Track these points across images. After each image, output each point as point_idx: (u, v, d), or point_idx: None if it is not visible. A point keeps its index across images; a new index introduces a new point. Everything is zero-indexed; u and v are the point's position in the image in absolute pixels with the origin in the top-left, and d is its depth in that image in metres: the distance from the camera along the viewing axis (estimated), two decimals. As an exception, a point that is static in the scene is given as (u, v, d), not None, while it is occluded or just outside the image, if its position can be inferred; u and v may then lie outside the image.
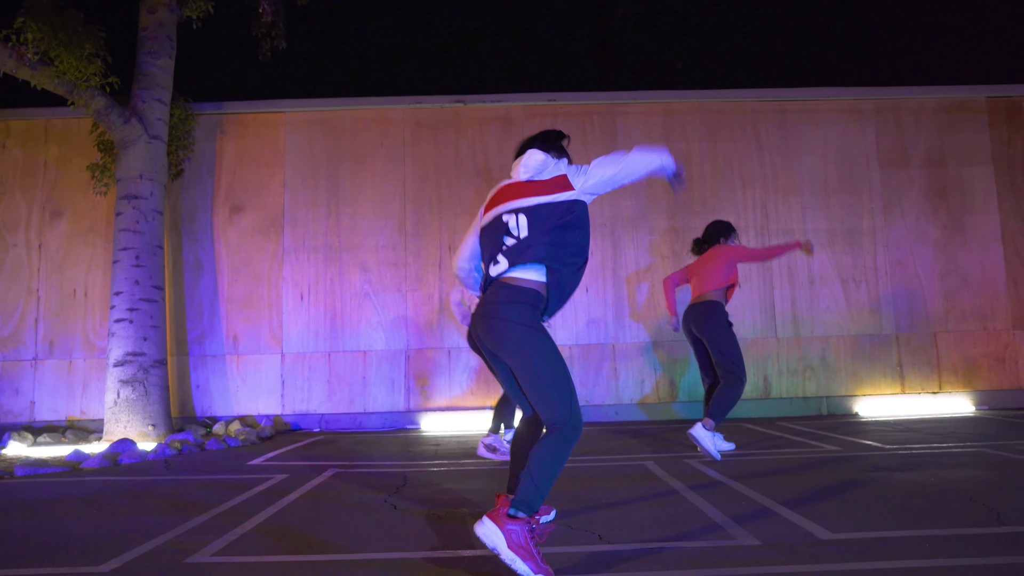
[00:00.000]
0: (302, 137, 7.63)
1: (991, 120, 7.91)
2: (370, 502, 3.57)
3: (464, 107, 7.69)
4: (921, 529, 2.76)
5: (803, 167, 7.77)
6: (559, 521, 3.04)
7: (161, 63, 6.83)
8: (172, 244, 7.41)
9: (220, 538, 2.90)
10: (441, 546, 2.70)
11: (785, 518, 2.99)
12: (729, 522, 2.94)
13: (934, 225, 7.76)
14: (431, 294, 7.43)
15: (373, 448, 5.72)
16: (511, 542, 2.24)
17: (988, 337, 7.62)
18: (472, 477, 4.25)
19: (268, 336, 7.37)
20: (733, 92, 7.88)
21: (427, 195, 7.58)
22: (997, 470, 3.94)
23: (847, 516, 3.00)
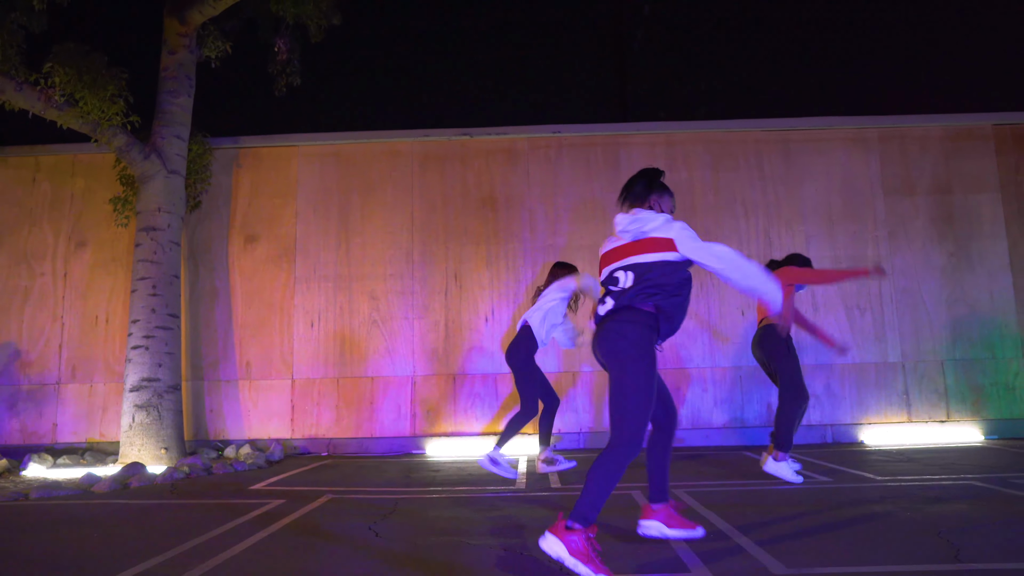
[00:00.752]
0: (314, 169, 7.91)
1: (998, 147, 7.91)
2: (353, 530, 3.71)
3: (471, 139, 7.91)
4: (876, 565, 2.82)
5: (806, 195, 7.83)
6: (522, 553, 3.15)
7: (180, 101, 7.17)
8: (189, 273, 7.70)
9: (207, 562, 3.06)
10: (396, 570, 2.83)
11: (746, 551, 3.07)
12: (689, 553, 3.02)
13: (940, 252, 7.74)
14: (437, 321, 7.61)
15: (374, 473, 5.87)
16: (572, 550, 2.62)
17: (997, 365, 7.55)
18: (460, 504, 4.37)
19: (279, 362, 7.60)
20: (736, 122, 7.99)
21: (434, 225, 7.78)
22: (979, 504, 3.96)
23: (809, 550, 3.06)
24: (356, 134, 7.96)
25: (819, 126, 7.96)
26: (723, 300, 7.63)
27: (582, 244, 7.70)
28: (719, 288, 7.63)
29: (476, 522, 3.83)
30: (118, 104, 6.65)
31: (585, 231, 7.74)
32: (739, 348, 7.55)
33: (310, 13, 7.55)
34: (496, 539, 3.41)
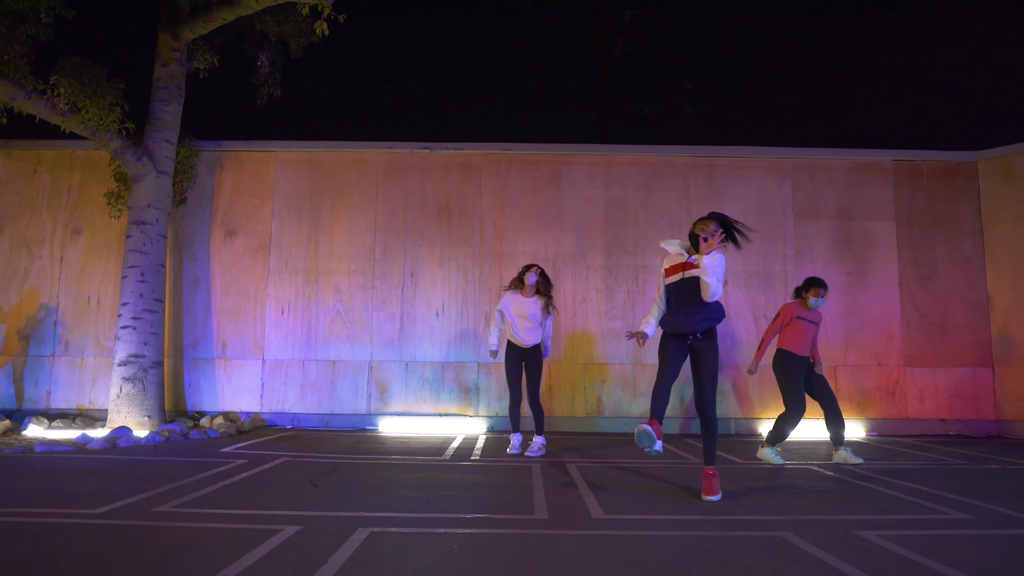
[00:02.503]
0: (290, 173, 8.85)
1: (896, 180, 8.99)
2: (300, 481, 4.72)
3: (431, 152, 8.89)
4: (670, 515, 3.87)
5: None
6: (419, 500, 4.17)
7: (170, 109, 8.07)
8: (174, 262, 8.63)
9: (180, 498, 4.06)
10: (328, 508, 3.84)
11: (584, 502, 4.12)
12: (541, 503, 4.06)
13: (840, 271, 8.83)
14: (394, 313, 8.60)
15: (328, 444, 6.88)
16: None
17: (881, 372, 8.67)
18: (391, 469, 5.39)
19: (252, 344, 8.57)
20: (668, 148, 9.02)
21: (395, 228, 8.76)
22: (793, 481, 5.02)
23: (630, 505, 4.11)
24: (328, 143, 8.91)
25: (741, 154, 9.00)
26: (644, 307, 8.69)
27: (525, 250, 8.71)
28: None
29: (399, 480, 4.85)
30: (115, 112, 7.55)
31: (528, 239, 8.75)
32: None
33: (291, 32, 8.49)
34: (410, 492, 4.43)
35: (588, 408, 8.53)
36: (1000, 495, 4.52)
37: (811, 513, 3.94)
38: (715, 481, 4.30)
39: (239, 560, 2.87)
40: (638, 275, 8.74)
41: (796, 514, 3.91)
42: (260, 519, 3.61)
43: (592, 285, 8.73)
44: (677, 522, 3.71)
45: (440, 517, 3.74)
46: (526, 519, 3.72)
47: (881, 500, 4.34)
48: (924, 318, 8.77)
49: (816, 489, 4.72)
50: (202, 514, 3.70)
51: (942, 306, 8.79)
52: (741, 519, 3.77)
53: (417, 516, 3.75)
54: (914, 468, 5.77)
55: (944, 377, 8.67)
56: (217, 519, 3.59)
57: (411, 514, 3.79)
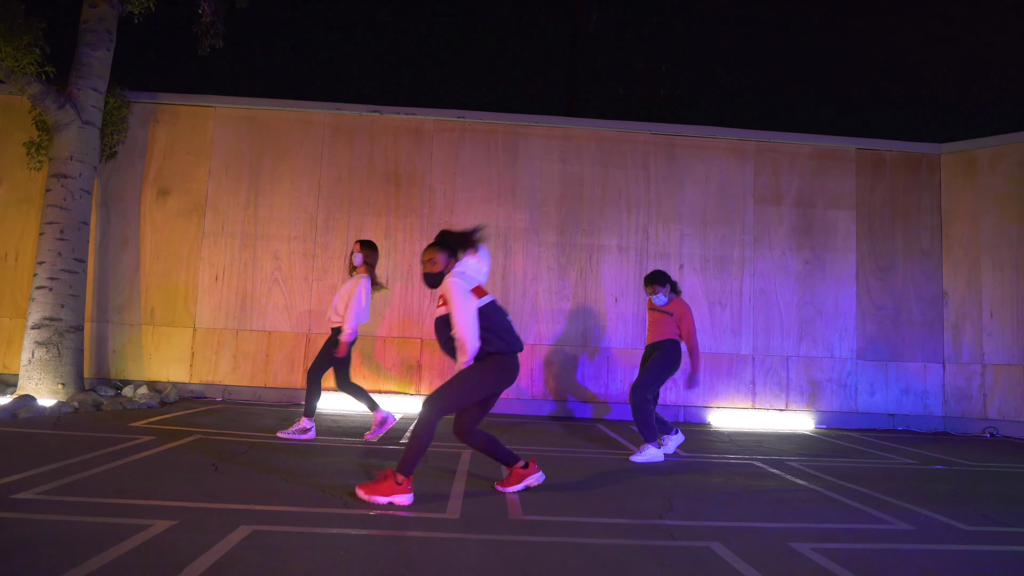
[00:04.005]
0: (229, 131, 8.31)
1: (858, 169, 8.77)
2: (201, 463, 4.35)
3: (380, 116, 8.41)
4: (595, 517, 3.58)
5: (685, 197, 8.59)
6: (324, 491, 3.83)
7: (99, 55, 7.47)
8: (101, 220, 8.08)
9: (54, 482, 3.66)
10: (216, 499, 3.48)
11: (503, 503, 3.81)
12: (456, 500, 3.75)
13: (797, 259, 8.62)
14: (335, 284, 8.17)
15: (253, 420, 6.49)
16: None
17: (834, 364, 8.52)
18: (307, 452, 5.03)
19: (182, 310, 8.09)
20: (628, 123, 8.66)
21: (339, 195, 8.30)
22: (730, 479, 4.79)
23: (555, 505, 3.82)
24: (272, 101, 8.38)
25: (703, 134, 8.69)
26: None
27: (475, 223, 8.31)
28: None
29: (312, 466, 4.49)
30: (34, 53, 6.93)
31: (479, 211, 8.36)
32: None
33: (236, -22, 7.90)
34: (320, 479, 4.08)
35: (534, 391, 8.24)
36: (945, 501, 4.33)
37: (746, 519, 3.68)
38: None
39: (83, 563, 2.50)
40: (592, 255, 8.43)
41: (729, 519, 3.66)
42: (132, 511, 3.23)
43: (544, 263, 8.39)
44: (600, 527, 3.42)
45: (340, 513, 3.40)
46: (436, 519, 3.40)
47: (822, 504, 4.11)
48: (879, 311, 8.62)
49: (756, 489, 4.48)
50: (68, 503, 3.31)
51: (898, 299, 8.65)
52: (669, 525, 3.50)
53: (313, 512, 3.41)
54: (859, 467, 5.59)
55: (895, 371, 8.56)
56: (82, 510, 3.21)
57: (308, 508, 3.45)
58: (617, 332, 8.35)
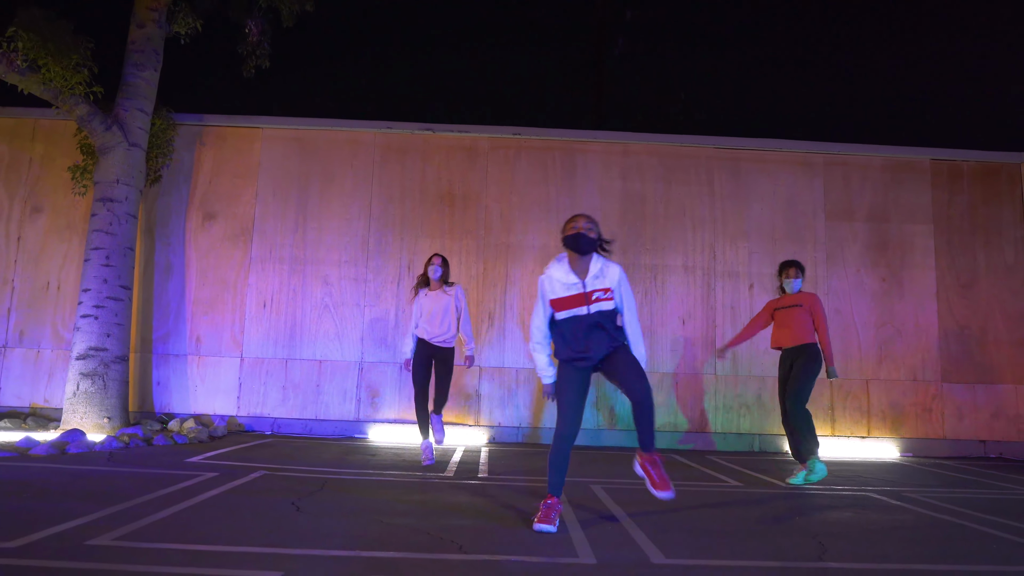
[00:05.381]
0: (277, 153, 8.02)
1: (933, 181, 8.32)
2: (279, 503, 3.90)
3: (433, 135, 8.09)
4: (747, 560, 3.10)
5: (752, 214, 8.16)
6: (431, 533, 3.37)
7: (146, 75, 7.23)
8: (145, 246, 7.76)
9: (126, 526, 3.23)
10: (314, 545, 3.04)
11: (635, 541, 3.34)
12: (583, 542, 3.28)
13: (874, 277, 8.14)
14: (388, 310, 7.78)
15: (312, 454, 6.05)
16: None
17: (917, 387, 7.97)
18: (386, 488, 4.58)
19: (229, 340, 7.71)
20: (690, 137, 8.28)
21: (391, 216, 7.95)
22: (863, 513, 4.28)
23: (690, 545, 3.34)
24: (320, 121, 8.08)
25: (768, 148, 8.29)
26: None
27: (534, 244, 7.94)
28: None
29: (398, 504, 4.04)
30: (82, 73, 6.70)
31: (538, 231, 7.97)
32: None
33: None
34: (414, 520, 3.63)
35: (599, 421, 7.75)
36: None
37: (917, 561, 3.18)
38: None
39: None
40: (656, 275, 7.99)
41: (900, 561, 3.16)
42: (227, 559, 2.79)
43: (607, 285, 7.94)
44: (761, 571, 2.94)
45: (460, 559, 2.94)
46: (572, 564, 2.93)
47: (992, 543, 3.59)
48: (963, 330, 8.09)
49: (899, 525, 3.97)
50: (151, 551, 2.87)
51: (982, 317, 8.13)
52: (837, 569, 3.00)
53: (429, 557, 2.95)
54: (989, 498, 5.05)
55: (984, 394, 7.99)
56: (169, 559, 2.77)
57: (420, 554, 2.99)
58: (686, 357, 7.87)
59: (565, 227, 3.63)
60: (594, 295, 3.55)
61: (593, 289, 3.56)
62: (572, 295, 3.57)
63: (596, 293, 3.55)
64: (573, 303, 3.57)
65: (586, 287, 3.55)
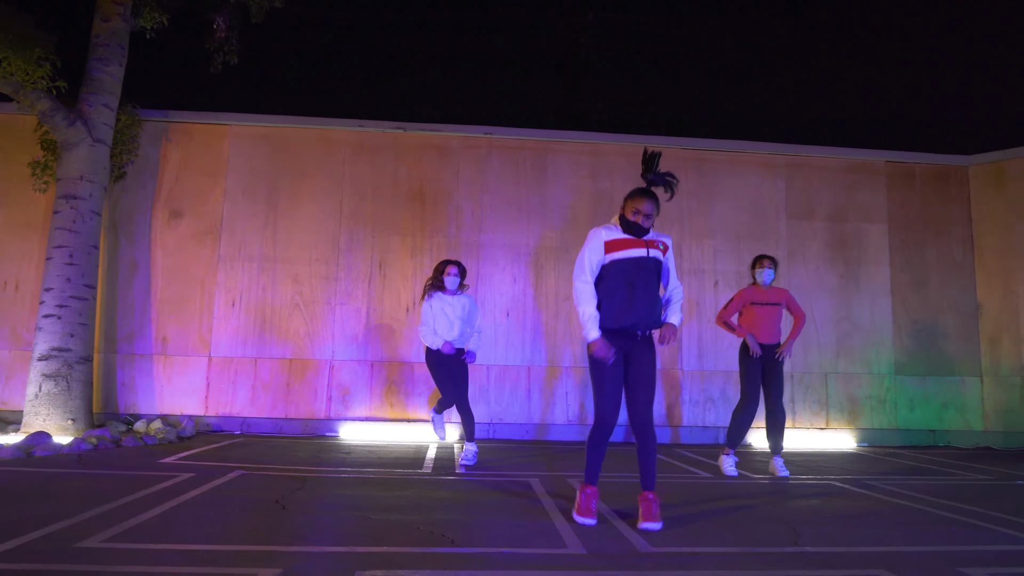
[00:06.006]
0: (245, 150, 7.93)
1: (889, 182, 8.65)
2: (264, 501, 3.91)
3: (404, 133, 8.10)
4: (725, 547, 3.24)
5: (717, 213, 8.37)
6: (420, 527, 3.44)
7: (111, 70, 7.08)
8: (109, 244, 7.61)
9: (114, 527, 3.21)
10: (309, 542, 3.07)
11: (620, 532, 3.45)
12: (569, 532, 3.38)
13: (832, 274, 8.43)
14: (359, 308, 7.78)
15: (286, 452, 6.03)
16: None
17: (872, 380, 8.29)
18: (367, 485, 4.61)
19: (197, 339, 7.61)
20: (657, 138, 8.43)
21: (363, 214, 7.94)
22: (828, 500, 4.48)
23: (672, 534, 3.46)
24: (290, 118, 8.02)
25: (733, 149, 8.51)
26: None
27: (505, 242, 8.02)
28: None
29: (383, 500, 4.08)
30: (44, 67, 6.53)
31: (508, 230, 8.05)
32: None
33: (252, -8, 7.59)
34: (403, 516, 3.68)
35: (570, 415, 7.88)
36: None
37: (890, 544, 3.36)
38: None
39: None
40: (625, 273, 8.13)
41: (873, 544, 3.33)
42: (223, 558, 2.81)
43: (576, 282, 8.07)
44: (744, 558, 3.08)
45: (455, 553, 3.01)
46: (561, 555, 3.03)
47: (953, 526, 3.80)
48: (915, 324, 8.45)
49: (867, 511, 4.17)
50: (145, 551, 2.87)
51: (933, 313, 8.49)
52: (816, 553, 3.16)
53: (424, 551, 3.01)
54: (944, 485, 5.31)
55: (935, 386, 8.36)
56: (169, 558, 2.78)
57: (415, 548, 3.05)
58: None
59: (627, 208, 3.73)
60: (655, 243, 3.69)
61: (653, 239, 3.69)
62: (629, 238, 3.66)
63: (656, 243, 3.70)
64: (631, 244, 3.64)
65: (645, 238, 3.68)
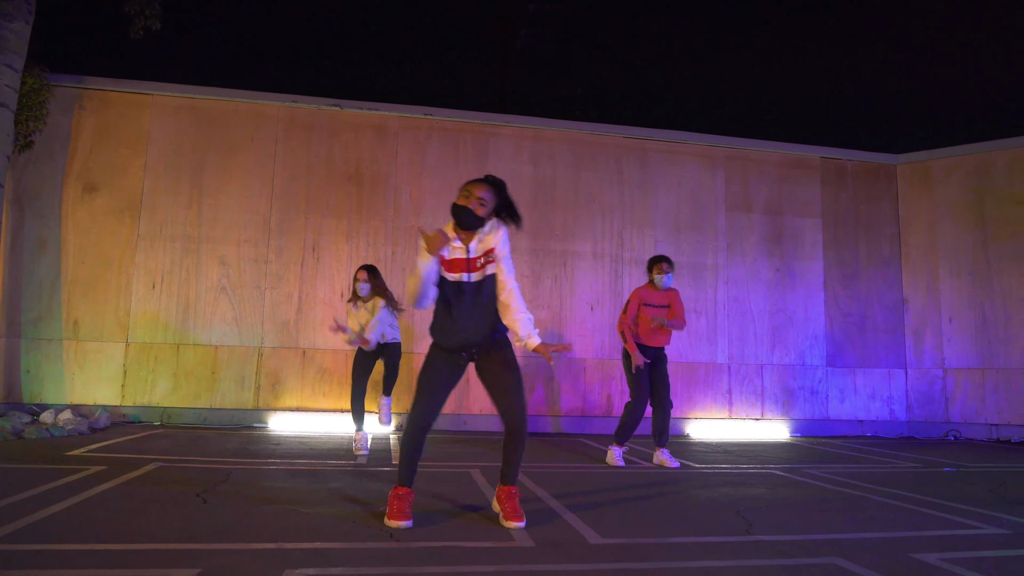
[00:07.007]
0: (169, 122, 7.43)
1: (823, 178, 8.82)
2: (183, 495, 3.59)
3: (340, 111, 7.76)
4: (680, 537, 3.13)
5: (659, 203, 8.36)
6: (356, 521, 3.20)
7: (15, 27, 6.48)
8: (12, 219, 7.00)
9: (9, 526, 2.86)
10: (233, 539, 2.80)
11: (567, 523, 3.30)
12: (517, 526, 3.20)
13: (768, 267, 8.54)
14: (291, 293, 7.41)
15: (210, 444, 5.66)
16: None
17: (806, 371, 8.46)
18: (298, 476, 4.33)
19: (113, 323, 7.10)
20: (600, 126, 8.36)
21: (295, 194, 7.56)
22: (775, 489, 4.46)
23: (623, 524, 3.34)
24: (218, 90, 7.56)
25: (674, 139, 8.51)
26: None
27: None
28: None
29: (314, 493, 3.82)
30: (-62, 21, 5.92)
31: (447, 215, 7.78)
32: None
33: (177, -46, 7.09)
34: (336, 508, 3.43)
35: (509, 405, 7.71)
36: (1001, 502, 4.14)
37: (839, 531, 3.32)
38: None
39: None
40: (566, 261, 8.04)
41: (823, 532, 3.28)
42: (137, 559, 2.51)
43: (517, 270, 7.87)
44: (698, 547, 2.97)
45: (394, 548, 2.79)
46: (509, 548, 2.85)
47: (897, 512, 3.81)
48: (846, 318, 8.65)
49: (811, 499, 4.15)
50: (43, 553, 2.54)
51: (863, 306, 8.72)
52: (769, 541, 3.08)
53: (360, 547, 2.78)
54: (879, 472, 5.39)
55: (863, 378, 8.59)
56: (74, 560, 2.46)
57: (352, 543, 2.82)
58: (594, 342, 7.97)
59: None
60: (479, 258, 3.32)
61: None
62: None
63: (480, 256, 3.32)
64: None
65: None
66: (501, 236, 3.28)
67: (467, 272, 3.25)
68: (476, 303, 3.25)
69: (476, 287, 3.25)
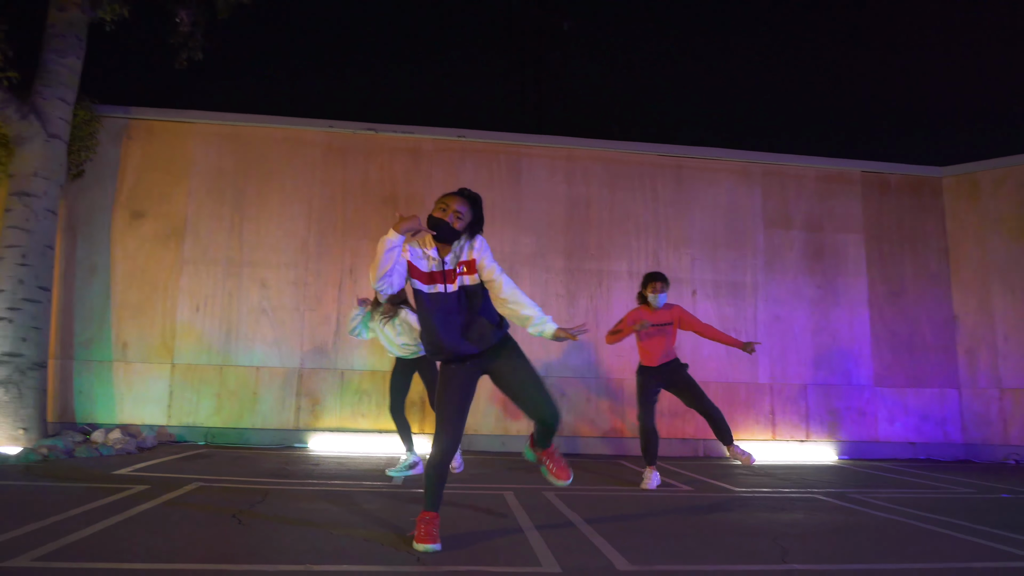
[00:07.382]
0: (211, 149, 7.66)
1: (864, 192, 8.62)
2: (219, 516, 3.65)
3: (375, 135, 7.89)
4: (710, 564, 3.06)
5: (695, 220, 8.27)
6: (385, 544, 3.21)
7: (67, 62, 6.79)
8: (66, 245, 7.28)
9: (53, 542, 2.94)
10: (263, 559, 2.83)
11: (596, 547, 3.25)
12: (544, 549, 3.17)
13: (810, 284, 8.35)
14: (329, 315, 7.52)
15: (250, 464, 5.75)
16: None
17: (852, 391, 8.21)
18: (334, 498, 4.37)
19: (159, 345, 7.30)
20: (634, 144, 8.33)
21: (333, 218, 7.70)
22: (814, 514, 4.33)
23: (654, 550, 3.28)
24: (257, 117, 7.77)
25: (709, 156, 8.43)
26: (611, 313, 7.95)
27: (480, 249, 7.82)
28: (608, 302, 7.94)
29: (349, 515, 3.84)
30: (-4, 58, 6.23)
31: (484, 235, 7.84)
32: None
33: (218, -13, 7.35)
34: (369, 530, 3.45)
35: (545, 426, 7.66)
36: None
37: (879, 560, 3.20)
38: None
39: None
40: (602, 281, 8.00)
41: (863, 561, 3.17)
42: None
43: (552, 289, 7.92)
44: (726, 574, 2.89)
45: (420, 572, 2.79)
46: (535, 573, 2.82)
47: (942, 541, 3.66)
48: (893, 336, 8.39)
49: (851, 526, 4.02)
50: (78, 572, 2.61)
51: (911, 324, 8.45)
52: (803, 571, 2.99)
53: (386, 570, 2.79)
54: (929, 498, 5.19)
55: (913, 398, 8.30)
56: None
57: (379, 567, 2.82)
58: (632, 361, 7.85)
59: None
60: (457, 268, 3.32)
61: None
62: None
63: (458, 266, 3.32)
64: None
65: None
66: (479, 246, 3.30)
67: (443, 283, 3.27)
68: (461, 312, 3.27)
69: (457, 297, 3.28)
